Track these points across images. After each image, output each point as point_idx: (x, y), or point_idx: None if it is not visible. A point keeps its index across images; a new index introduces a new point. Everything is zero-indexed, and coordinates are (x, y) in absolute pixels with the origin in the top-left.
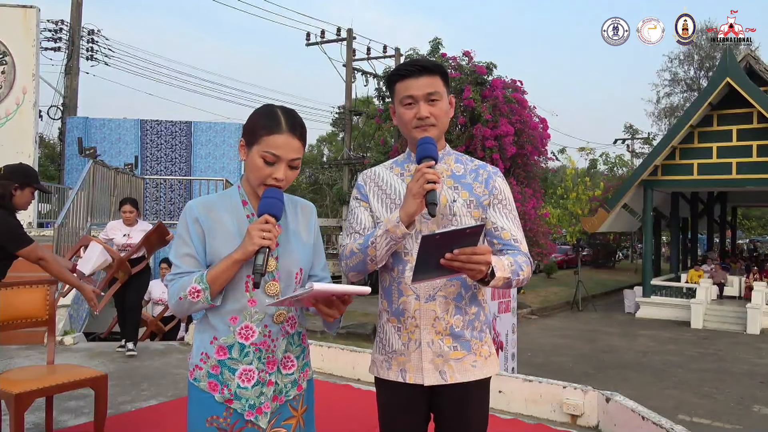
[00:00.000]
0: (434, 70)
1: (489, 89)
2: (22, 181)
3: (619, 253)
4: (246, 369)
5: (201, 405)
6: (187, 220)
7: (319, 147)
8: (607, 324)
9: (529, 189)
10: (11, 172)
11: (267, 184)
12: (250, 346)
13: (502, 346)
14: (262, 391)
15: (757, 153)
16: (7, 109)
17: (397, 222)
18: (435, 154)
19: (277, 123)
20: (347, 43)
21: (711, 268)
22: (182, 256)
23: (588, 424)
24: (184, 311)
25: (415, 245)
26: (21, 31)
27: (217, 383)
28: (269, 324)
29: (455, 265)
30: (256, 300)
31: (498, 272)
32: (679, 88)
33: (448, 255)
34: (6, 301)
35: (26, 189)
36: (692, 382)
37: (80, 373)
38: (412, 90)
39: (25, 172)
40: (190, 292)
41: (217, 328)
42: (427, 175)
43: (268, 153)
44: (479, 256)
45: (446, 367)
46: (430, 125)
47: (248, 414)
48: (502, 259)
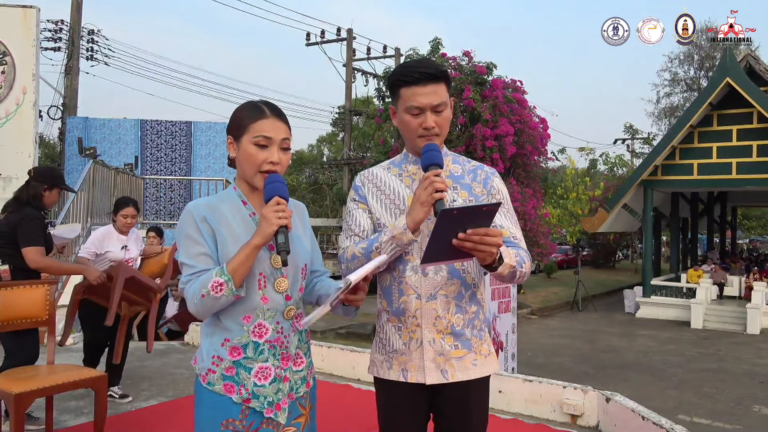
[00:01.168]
0: (440, 78)
1: (489, 89)
2: (51, 183)
3: (619, 253)
4: (262, 367)
5: (215, 409)
6: (194, 219)
7: (319, 147)
8: (607, 324)
9: (529, 189)
10: (41, 174)
11: (263, 170)
12: (265, 344)
13: (502, 346)
14: (280, 387)
15: (757, 153)
16: (7, 109)
17: (404, 229)
18: (441, 161)
19: (260, 110)
20: (347, 43)
21: (711, 268)
22: (196, 256)
23: (588, 425)
24: (207, 310)
25: (415, 244)
26: (21, 31)
27: (233, 384)
28: (281, 320)
29: (467, 245)
30: (268, 297)
31: (506, 259)
32: (679, 88)
33: (461, 235)
34: (6, 301)
35: (54, 190)
36: (692, 382)
37: (80, 373)
38: (418, 100)
39: (53, 174)
40: (212, 286)
41: (229, 329)
42: (436, 184)
43: (259, 137)
44: (492, 238)
45: (447, 366)
46: (434, 135)
47: (267, 411)
48: (508, 249)
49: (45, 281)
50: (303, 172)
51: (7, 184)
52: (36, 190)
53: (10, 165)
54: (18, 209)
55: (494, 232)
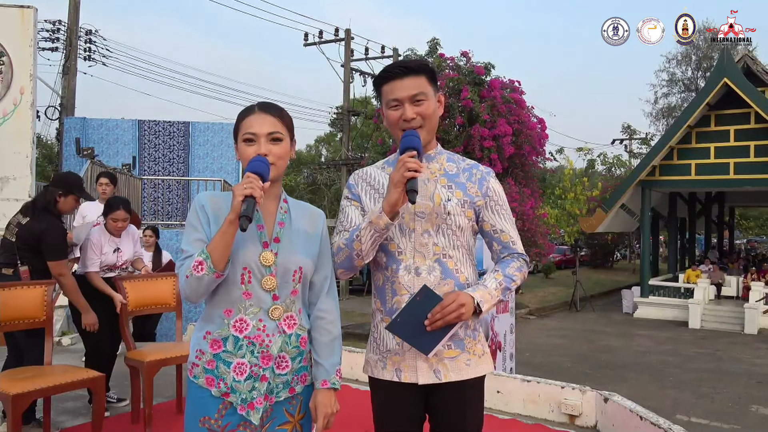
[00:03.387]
0: (419, 71)
1: (487, 89)
2: (66, 189)
3: (617, 254)
4: (240, 362)
5: (196, 403)
6: (196, 208)
7: (317, 147)
8: (605, 324)
9: (528, 189)
10: (57, 180)
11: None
12: (244, 339)
13: (500, 346)
14: (255, 386)
15: (755, 153)
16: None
17: (379, 212)
18: (418, 145)
19: (249, 109)
20: (345, 44)
21: (709, 269)
22: (192, 242)
23: (586, 424)
24: (193, 291)
25: (409, 243)
26: (18, 32)
27: (213, 378)
28: (264, 319)
29: (439, 325)
30: (252, 293)
31: (485, 306)
32: (677, 88)
33: (427, 323)
34: (3, 302)
35: (69, 197)
36: (690, 382)
37: (78, 373)
38: (396, 92)
39: (68, 181)
40: (194, 266)
41: (212, 321)
42: (408, 164)
43: (246, 134)
44: (450, 307)
45: (440, 366)
46: (417, 127)
47: (241, 408)
48: (488, 287)
49: (42, 282)
50: (301, 173)
51: (5, 185)
52: (51, 196)
53: (7, 166)
54: (40, 217)
55: (448, 300)
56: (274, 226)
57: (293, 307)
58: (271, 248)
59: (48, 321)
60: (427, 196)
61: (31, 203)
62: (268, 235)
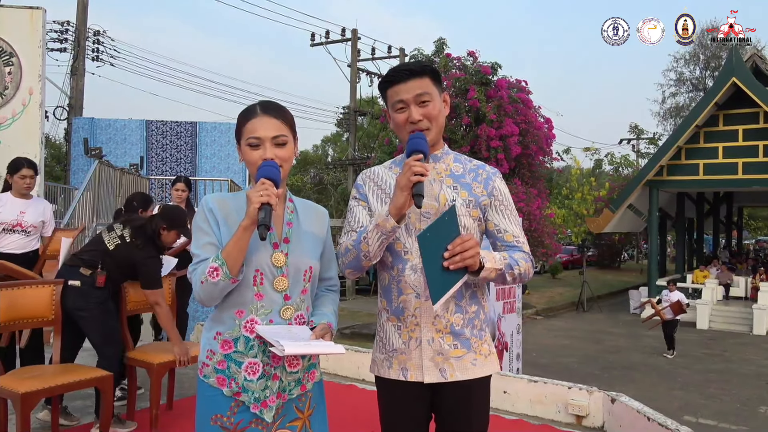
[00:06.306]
0: (422, 72)
1: (494, 89)
2: (169, 224)
3: (625, 254)
4: (251, 362)
5: (208, 402)
6: (204, 211)
7: (323, 147)
8: (613, 324)
9: (534, 189)
10: (163, 213)
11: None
12: (255, 339)
13: (507, 346)
14: (267, 385)
15: (764, 153)
16: (14, 110)
17: (386, 215)
18: (424, 147)
19: (251, 111)
20: (352, 44)
21: (717, 269)
22: (203, 246)
23: (593, 425)
24: (208, 296)
25: (414, 243)
26: (27, 33)
27: (224, 378)
28: (275, 319)
29: (457, 260)
30: (264, 295)
31: (488, 263)
32: (685, 88)
33: (447, 254)
34: (12, 301)
35: (172, 231)
36: (698, 383)
37: (86, 372)
38: (401, 95)
39: (172, 216)
40: (209, 272)
41: (223, 322)
42: (414, 168)
43: (250, 138)
44: (469, 242)
45: (446, 365)
46: (424, 129)
47: (254, 407)
48: (493, 253)
49: (50, 281)
50: (308, 173)
51: None
52: (156, 227)
53: None
54: (145, 245)
55: (466, 236)
56: (283, 226)
57: (303, 306)
58: (281, 249)
59: (56, 320)
60: (432, 196)
61: (141, 229)
62: (277, 236)
